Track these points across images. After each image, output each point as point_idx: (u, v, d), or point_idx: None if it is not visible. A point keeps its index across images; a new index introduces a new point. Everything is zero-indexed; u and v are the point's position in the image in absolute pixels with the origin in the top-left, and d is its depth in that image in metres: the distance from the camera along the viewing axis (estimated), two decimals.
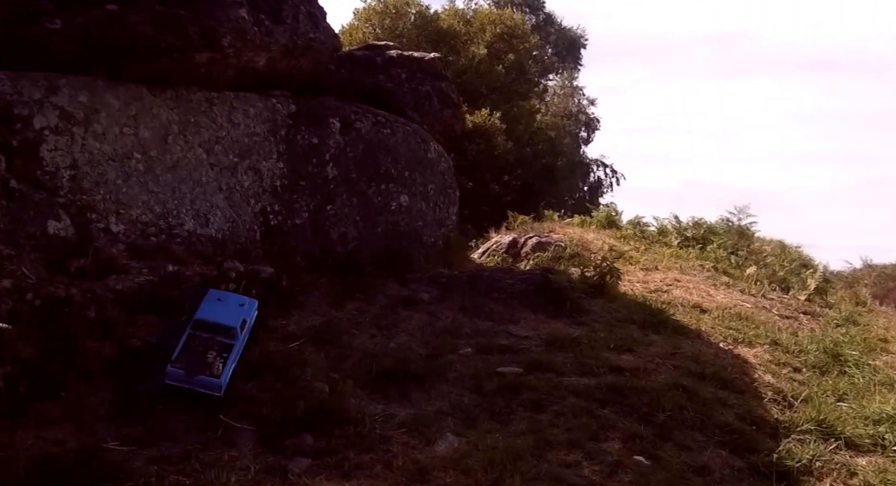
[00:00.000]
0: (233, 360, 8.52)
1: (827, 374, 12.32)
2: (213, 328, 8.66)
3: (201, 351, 8.42)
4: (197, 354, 8.39)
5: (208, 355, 8.38)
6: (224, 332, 8.67)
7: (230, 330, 8.71)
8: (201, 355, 8.38)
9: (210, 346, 8.49)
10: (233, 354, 8.56)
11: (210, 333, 8.63)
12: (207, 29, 10.51)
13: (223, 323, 8.73)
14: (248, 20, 10.94)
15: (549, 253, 18.09)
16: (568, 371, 10.30)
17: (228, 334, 8.68)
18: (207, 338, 8.57)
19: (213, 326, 8.68)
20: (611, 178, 41.34)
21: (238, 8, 10.77)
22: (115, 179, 10.37)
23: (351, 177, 13.43)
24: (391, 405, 8.92)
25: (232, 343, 8.64)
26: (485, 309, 12.57)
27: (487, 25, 33.78)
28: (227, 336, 8.65)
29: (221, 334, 8.65)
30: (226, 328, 8.70)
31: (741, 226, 22.06)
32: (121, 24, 9.98)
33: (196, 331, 8.63)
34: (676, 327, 13.10)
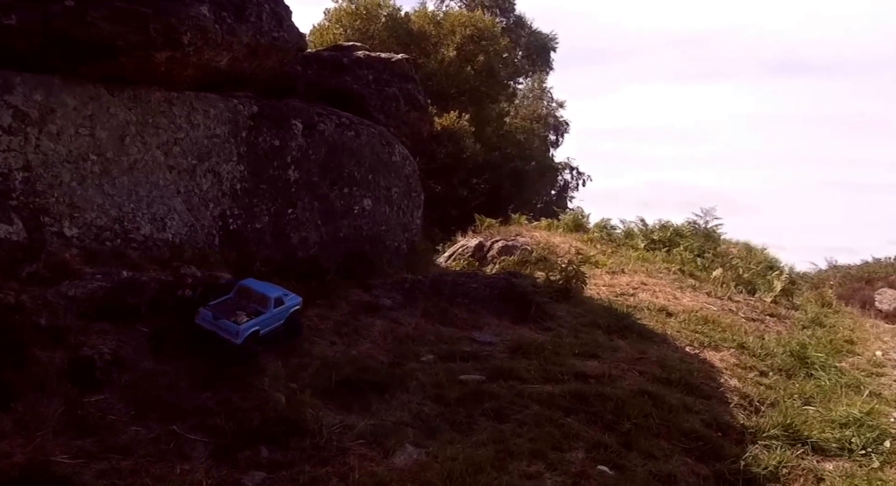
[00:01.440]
0: (256, 324, 9.31)
1: (793, 377, 12.24)
2: (250, 296, 9.65)
3: (234, 308, 9.38)
4: (229, 308, 9.38)
5: (238, 312, 9.29)
6: (259, 301, 9.59)
7: (265, 299, 9.61)
8: (232, 309, 9.34)
9: (243, 307, 9.43)
10: (259, 318, 9.37)
11: (247, 299, 9.60)
12: (168, 26, 10.05)
13: (261, 292, 9.71)
14: (209, 18, 10.48)
15: (515, 257, 18.01)
16: (532, 378, 10.03)
17: (263, 303, 9.58)
18: (243, 302, 9.55)
19: (252, 293, 9.68)
20: (577, 179, 41.28)
21: (199, 5, 10.32)
22: (69, 181, 9.95)
23: (313, 180, 13.04)
24: (350, 415, 8.58)
25: (262, 310, 9.48)
26: (448, 315, 12.31)
27: (458, 27, 33.65)
28: (261, 304, 9.55)
29: (256, 302, 9.56)
30: (262, 297, 9.63)
31: (707, 228, 22.05)
32: (79, 19, 9.52)
33: (236, 296, 9.67)
34: (642, 332, 12.91)
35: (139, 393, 8.08)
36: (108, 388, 8.05)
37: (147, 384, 8.27)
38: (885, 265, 29.38)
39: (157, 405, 7.94)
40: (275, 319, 9.72)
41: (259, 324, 9.36)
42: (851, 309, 20.16)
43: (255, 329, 9.31)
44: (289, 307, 10.01)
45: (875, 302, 23.85)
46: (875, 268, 29.12)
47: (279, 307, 9.78)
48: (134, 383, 8.23)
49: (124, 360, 8.53)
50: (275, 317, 9.71)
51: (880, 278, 27.55)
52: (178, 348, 9.09)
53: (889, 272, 28.11)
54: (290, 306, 10.03)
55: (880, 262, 29.94)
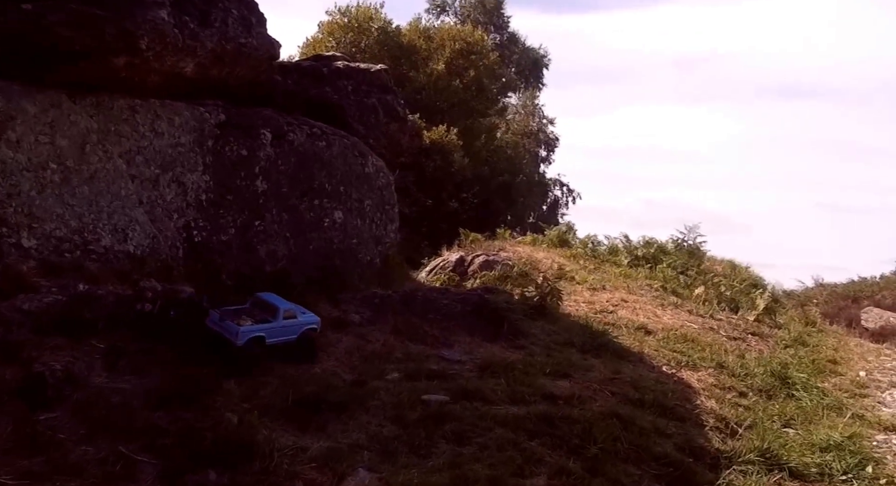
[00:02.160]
0: (260, 330, 9.65)
1: (774, 398, 11.90)
2: (263, 306, 10.04)
3: (242, 314, 9.80)
4: (237, 314, 9.78)
5: (244, 317, 9.71)
6: (269, 311, 9.94)
7: (275, 310, 9.92)
8: (240, 315, 9.75)
9: (251, 315, 9.84)
10: (264, 326, 9.71)
11: (259, 310, 10.00)
12: (124, 30, 9.70)
13: (272, 303, 10.04)
14: (168, 22, 10.13)
15: (496, 272, 17.65)
16: (498, 399, 9.63)
17: (272, 313, 9.91)
18: (255, 311, 9.97)
19: (264, 304, 10.06)
20: (567, 196, 41.10)
21: (158, 8, 9.97)
22: (28, 190, 9.59)
23: (282, 191, 12.63)
24: (305, 436, 8.17)
25: (270, 320, 9.83)
26: (419, 331, 11.92)
27: (448, 41, 33.64)
28: (270, 314, 9.90)
29: (267, 312, 9.93)
30: (272, 307, 9.96)
31: (691, 245, 21.83)
32: (37, 24, 9.20)
33: (251, 306, 10.09)
34: (618, 351, 12.53)
35: (91, 411, 7.72)
36: (60, 405, 7.73)
37: (100, 402, 7.92)
38: (872, 284, 29.27)
39: (108, 423, 7.58)
40: (284, 331, 9.95)
41: (264, 331, 9.68)
42: (836, 328, 19.76)
43: (260, 335, 9.62)
44: (302, 323, 10.20)
45: (861, 320, 23.64)
46: (862, 286, 29.00)
47: (289, 320, 10.01)
48: (86, 401, 7.88)
49: (77, 376, 8.21)
50: (284, 329, 9.94)
51: (867, 296, 27.42)
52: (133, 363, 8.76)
53: (875, 291, 27.98)
54: (303, 323, 10.22)
55: (867, 280, 29.82)
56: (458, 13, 47.53)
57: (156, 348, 9.23)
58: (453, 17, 47.14)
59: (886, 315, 23.93)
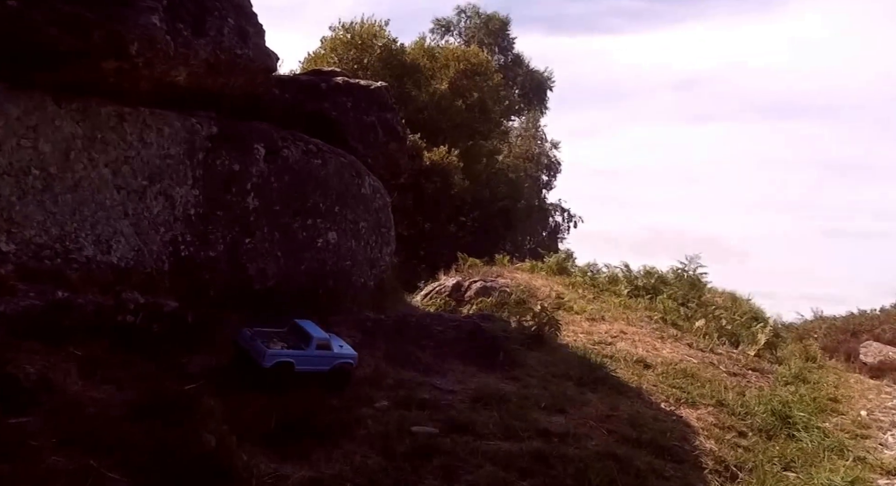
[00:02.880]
0: (290, 355, 9.53)
1: (774, 438, 11.66)
2: (299, 334, 9.94)
3: (274, 337, 9.74)
4: (270, 336, 9.73)
5: (276, 341, 9.65)
6: (304, 339, 9.83)
7: (309, 338, 9.80)
8: (272, 337, 9.70)
9: (285, 341, 9.75)
10: (295, 352, 9.60)
11: (294, 335, 9.94)
12: (113, 33, 9.34)
13: (309, 332, 9.92)
14: (160, 28, 9.77)
15: (493, 299, 17.51)
16: (490, 434, 9.34)
17: (306, 341, 9.79)
18: (289, 337, 9.90)
19: (300, 331, 9.96)
20: (568, 222, 40.87)
21: (150, 14, 9.62)
22: (9, 195, 9.23)
23: (274, 209, 12.28)
24: (286, 464, 7.84)
25: (302, 348, 9.71)
26: (411, 358, 11.66)
27: (452, 61, 33.46)
28: (304, 342, 9.79)
29: (302, 340, 9.83)
30: (307, 336, 9.84)
31: (692, 276, 21.58)
32: (22, 22, 8.81)
33: (287, 331, 10.04)
34: (616, 385, 12.28)
35: (64, 420, 7.39)
36: (33, 411, 7.39)
37: (74, 411, 7.60)
38: (871, 317, 28.96)
39: (81, 434, 7.22)
40: (316, 360, 9.79)
41: (293, 357, 9.55)
42: (836, 363, 19.60)
43: (288, 361, 9.51)
44: (337, 356, 10.04)
45: (860, 355, 23.37)
46: (861, 320, 28.68)
47: (323, 350, 9.88)
48: (60, 409, 7.56)
49: (52, 383, 7.93)
50: (316, 358, 9.79)
51: (866, 330, 27.09)
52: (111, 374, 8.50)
53: (875, 324, 27.66)
54: (339, 355, 10.06)
55: (866, 314, 29.50)
56: (463, 34, 47.55)
57: (135, 360, 8.97)
58: (458, 37, 47.16)
59: (886, 350, 23.64)
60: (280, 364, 9.42)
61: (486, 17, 47.21)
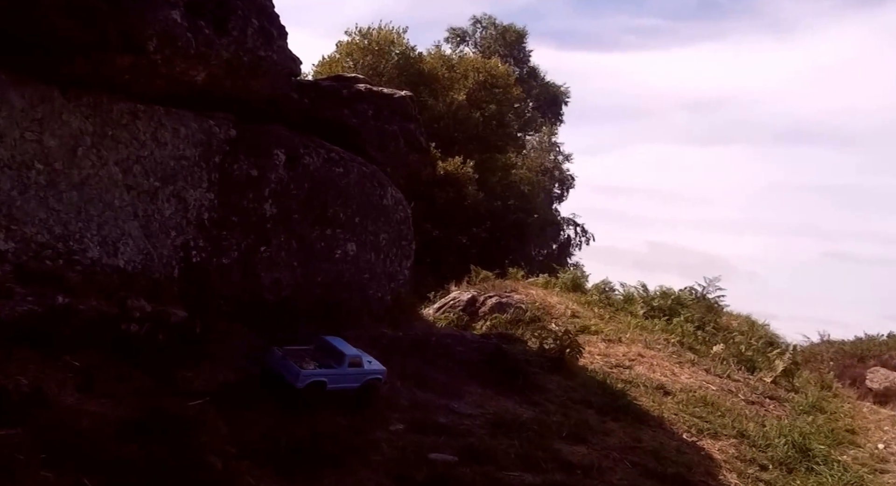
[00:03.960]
0: (323, 375, 9.43)
1: (794, 472, 11.33)
2: (328, 351, 9.84)
3: (305, 356, 9.62)
4: (301, 354, 9.64)
5: (308, 360, 9.53)
6: (335, 356, 9.74)
7: (341, 356, 9.71)
8: (303, 357, 9.59)
9: (316, 359, 9.65)
10: (327, 371, 9.50)
11: (323, 353, 9.83)
12: (129, 27, 8.85)
13: (339, 349, 9.82)
14: (181, 25, 9.32)
15: (508, 315, 17.12)
16: (510, 464, 8.85)
17: (338, 358, 9.71)
18: (319, 354, 9.80)
19: (329, 348, 9.87)
20: (580, 237, 40.40)
21: (170, 9, 9.15)
22: (9, 189, 8.72)
23: (292, 217, 11.79)
24: None
25: (334, 366, 9.62)
26: (428, 378, 11.23)
27: (471, 72, 33.00)
28: (335, 360, 9.71)
29: (332, 357, 9.75)
30: (338, 353, 9.75)
31: (709, 299, 21.23)
32: (31, 10, 8.33)
33: (315, 348, 9.92)
34: (637, 414, 11.86)
35: (57, 434, 6.88)
36: (23, 424, 6.88)
37: (67, 425, 7.10)
38: (879, 343, 28.65)
39: (74, 450, 6.71)
40: (348, 378, 9.72)
41: (326, 376, 9.45)
42: (849, 390, 19.33)
43: (321, 380, 9.40)
44: (367, 372, 9.94)
45: (867, 380, 22.99)
46: (868, 345, 28.37)
47: (354, 368, 9.80)
48: (52, 423, 7.06)
49: (46, 395, 7.46)
50: (348, 376, 9.72)
51: (873, 355, 26.82)
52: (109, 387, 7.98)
53: (882, 351, 27.37)
54: (368, 371, 9.95)
55: (873, 339, 29.10)
56: (479, 44, 47.21)
57: (137, 373, 8.49)
58: (473, 47, 46.79)
59: (892, 376, 23.37)
60: (313, 384, 9.28)
61: (503, 28, 46.91)
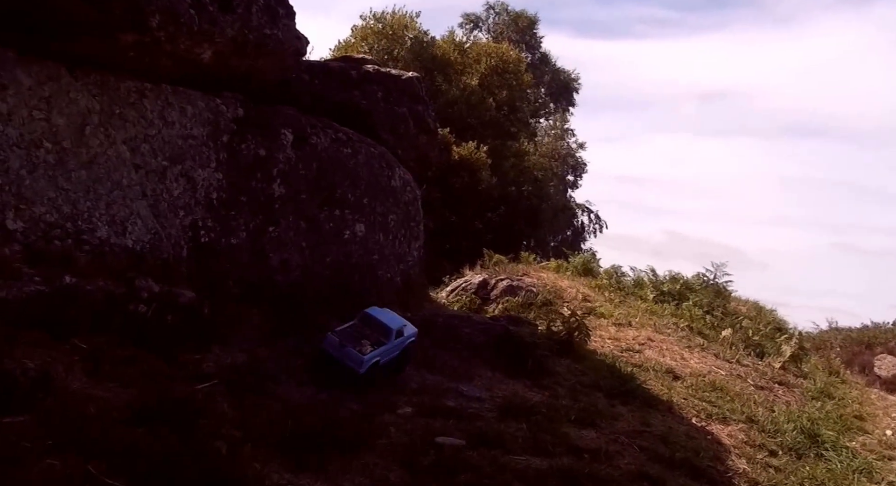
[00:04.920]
0: (378, 354, 9.69)
1: (804, 458, 11.16)
2: (373, 324, 10.03)
3: (358, 336, 9.78)
4: (353, 335, 9.79)
5: (362, 341, 9.67)
6: (382, 331, 9.98)
7: (388, 331, 10.00)
8: (357, 338, 9.75)
9: (366, 336, 9.82)
10: (381, 349, 9.76)
11: (370, 328, 9.98)
12: (132, 5, 8.62)
13: (384, 323, 10.09)
14: (184, 1, 9.12)
15: (519, 298, 16.88)
16: (518, 448, 8.67)
17: (385, 333, 9.97)
18: (366, 331, 9.93)
19: (374, 322, 10.06)
20: (594, 224, 40.15)
21: None
22: (18, 168, 8.51)
23: (300, 198, 11.62)
24: (302, 475, 7.13)
25: (384, 342, 9.85)
26: (436, 361, 11.13)
27: (483, 57, 32.64)
28: (383, 335, 9.93)
29: (379, 332, 9.95)
30: (384, 328, 10.02)
31: (718, 284, 20.91)
32: None
33: (360, 323, 10.05)
34: (646, 398, 11.70)
35: (63, 420, 6.65)
36: (29, 410, 6.67)
37: (74, 411, 6.87)
38: (886, 331, 28.67)
39: (80, 436, 6.49)
40: (394, 349, 10.10)
41: (380, 355, 9.77)
42: (856, 377, 19.30)
43: (377, 360, 9.71)
44: (406, 338, 10.36)
45: (874, 368, 22.91)
46: (876, 333, 28.32)
47: (399, 338, 10.17)
48: (59, 408, 6.83)
49: (52, 379, 7.22)
50: (394, 348, 10.10)
51: (881, 343, 26.77)
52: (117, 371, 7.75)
53: (889, 338, 27.39)
54: (407, 337, 10.38)
55: (881, 327, 29.03)
56: (492, 30, 46.83)
57: (144, 355, 8.27)
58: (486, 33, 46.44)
59: None
60: (372, 365, 9.60)
61: (515, 14, 46.43)
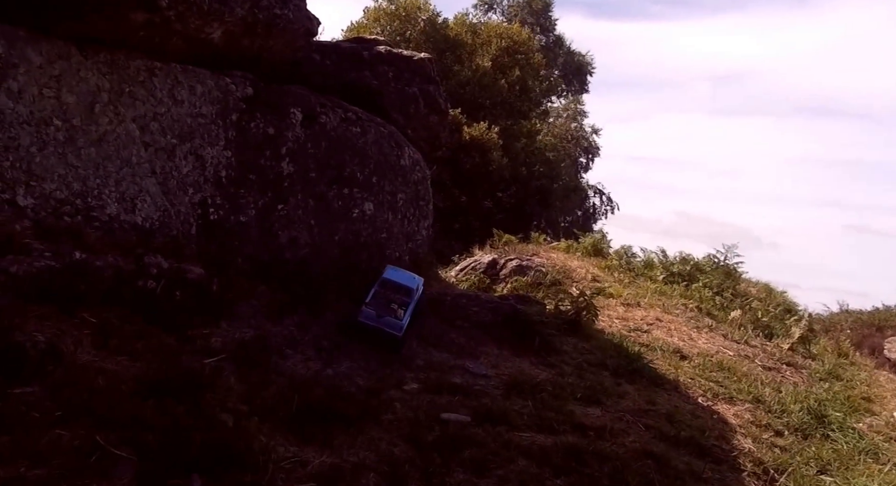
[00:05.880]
0: (408, 314, 10.26)
1: (810, 438, 10.99)
2: (394, 287, 10.54)
3: (386, 301, 10.27)
4: (383, 302, 10.25)
5: (392, 305, 10.21)
6: (403, 291, 10.53)
7: (409, 290, 10.59)
8: (387, 303, 10.23)
9: (392, 299, 10.33)
10: (409, 308, 10.34)
11: (391, 290, 10.47)
12: None
13: (403, 283, 10.67)
14: None
15: (528, 278, 16.93)
16: (523, 425, 8.61)
17: (407, 293, 10.53)
18: (390, 294, 10.41)
19: (395, 285, 10.59)
20: (606, 205, 40.11)
21: None
22: (28, 145, 8.46)
23: (309, 176, 11.55)
24: (307, 448, 7.12)
25: (409, 301, 10.43)
26: (444, 338, 11.05)
27: (494, 38, 32.65)
28: (405, 295, 10.49)
29: (401, 292, 10.49)
30: (405, 288, 10.59)
31: (728, 265, 20.90)
32: None
33: (382, 288, 10.50)
34: (653, 377, 11.59)
35: (72, 391, 6.62)
36: (39, 381, 6.64)
37: (83, 382, 6.83)
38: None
39: (89, 407, 6.47)
40: (416, 305, 10.61)
41: (409, 313, 10.31)
42: (866, 359, 18.96)
43: (409, 320, 10.29)
44: (419, 292, 10.91)
45: (884, 350, 22.70)
46: (886, 315, 28.10)
47: (418, 293, 10.77)
48: (68, 380, 6.79)
49: (62, 352, 7.14)
50: (416, 304, 10.63)
51: (891, 326, 26.54)
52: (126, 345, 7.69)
53: None
54: (420, 291, 10.95)
55: (892, 310, 28.78)
56: (506, 12, 46.75)
57: (153, 330, 8.21)
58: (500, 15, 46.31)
59: None
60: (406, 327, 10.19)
61: None
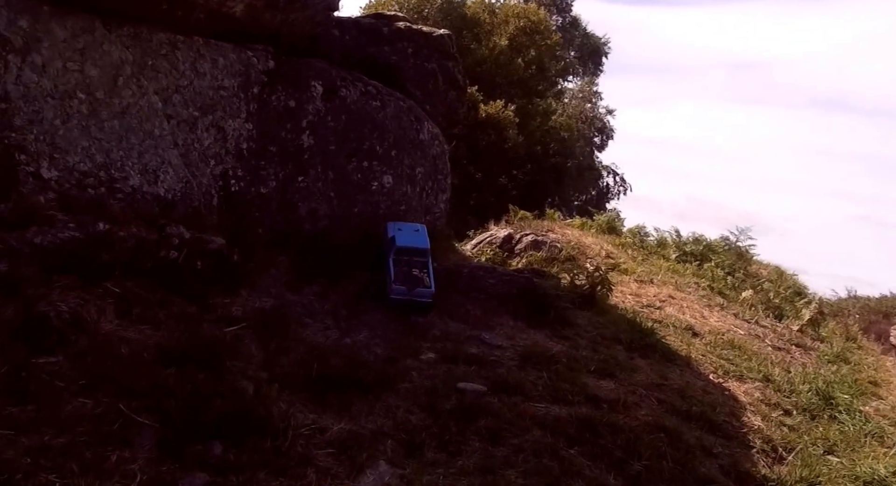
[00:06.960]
0: (430, 272, 10.66)
1: (818, 418, 10.96)
2: (409, 252, 10.82)
3: (409, 270, 10.57)
4: (406, 272, 10.55)
5: (413, 271, 10.55)
6: (419, 253, 10.87)
7: (423, 251, 10.94)
8: (410, 273, 10.54)
9: (413, 265, 10.65)
10: (429, 267, 10.72)
11: (410, 256, 10.77)
12: None
13: (417, 246, 10.93)
14: None
15: (543, 253, 16.85)
16: (538, 396, 8.65)
17: (422, 253, 10.89)
18: (408, 259, 10.71)
19: (409, 250, 10.85)
20: (619, 185, 39.99)
21: None
22: (52, 118, 8.50)
23: (329, 148, 11.56)
24: (325, 415, 7.19)
25: (426, 260, 10.80)
26: (460, 310, 11.01)
27: (511, 18, 32.61)
28: (420, 256, 10.84)
29: (416, 255, 10.82)
30: (419, 250, 10.92)
31: (740, 247, 20.83)
32: None
33: (398, 256, 10.73)
34: (665, 352, 11.57)
35: (95, 360, 6.72)
36: (62, 350, 6.73)
37: (106, 351, 6.92)
38: None
39: (112, 376, 6.57)
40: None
41: (430, 271, 10.73)
42: (873, 344, 18.69)
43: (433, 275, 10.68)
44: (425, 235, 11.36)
45: (891, 337, 22.58)
46: (893, 303, 27.88)
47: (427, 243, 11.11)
48: (92, 349, 6.89)
49: (85, 321, 7.22)
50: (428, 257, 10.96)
51: None
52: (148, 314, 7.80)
53: None
54: (424, 233, 11.44)
55: None
56: None
57: (175, 299, 8.30)
58: None
59: None
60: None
61: None
